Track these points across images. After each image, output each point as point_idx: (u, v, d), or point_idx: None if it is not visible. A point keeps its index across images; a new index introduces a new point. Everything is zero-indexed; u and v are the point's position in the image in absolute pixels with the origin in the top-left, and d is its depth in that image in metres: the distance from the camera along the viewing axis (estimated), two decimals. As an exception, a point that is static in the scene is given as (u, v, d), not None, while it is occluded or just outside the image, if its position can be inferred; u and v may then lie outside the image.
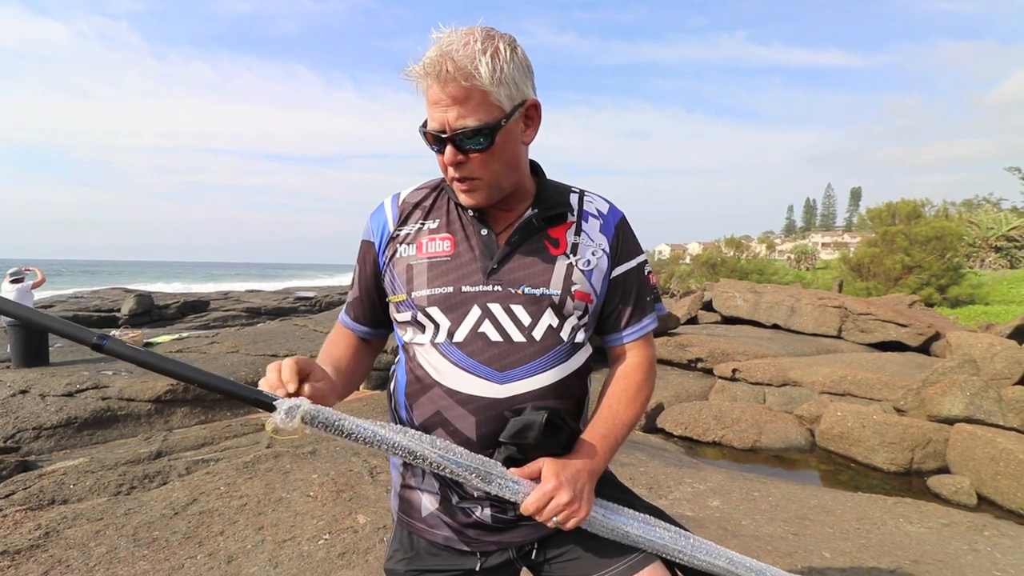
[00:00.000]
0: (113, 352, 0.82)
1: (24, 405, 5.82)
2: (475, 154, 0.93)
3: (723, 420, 5.86)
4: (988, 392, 4.92)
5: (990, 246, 26.48)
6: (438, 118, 0.91)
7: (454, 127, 0.90)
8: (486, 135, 0.92)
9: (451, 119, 0.90)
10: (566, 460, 0.97)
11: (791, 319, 11.06)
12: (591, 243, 1.05)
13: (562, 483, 0.92)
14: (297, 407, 0.83)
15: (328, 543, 2.66)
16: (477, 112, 0.90)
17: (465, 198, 1.00)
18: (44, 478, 3.70)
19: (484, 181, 0.97)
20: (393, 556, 1.12)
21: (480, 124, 0.90)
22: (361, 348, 1.18)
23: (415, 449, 0.89)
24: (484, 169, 0.95)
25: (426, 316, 1.00)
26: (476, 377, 0.97)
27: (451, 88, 0.89)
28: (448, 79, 0.88)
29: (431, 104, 0.92)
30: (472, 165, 0.94)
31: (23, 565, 2.40)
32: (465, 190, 0.98)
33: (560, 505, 0.92)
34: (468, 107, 0.90)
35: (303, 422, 0.83)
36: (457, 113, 0.90)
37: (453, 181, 0.98)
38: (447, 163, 0.95)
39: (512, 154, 0.98)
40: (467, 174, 0.95)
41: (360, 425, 0.87)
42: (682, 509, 3.32)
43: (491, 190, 0.99)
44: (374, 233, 1.10)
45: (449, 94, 0.89)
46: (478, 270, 1.00)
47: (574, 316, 1.02)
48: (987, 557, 2.73)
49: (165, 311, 17.88)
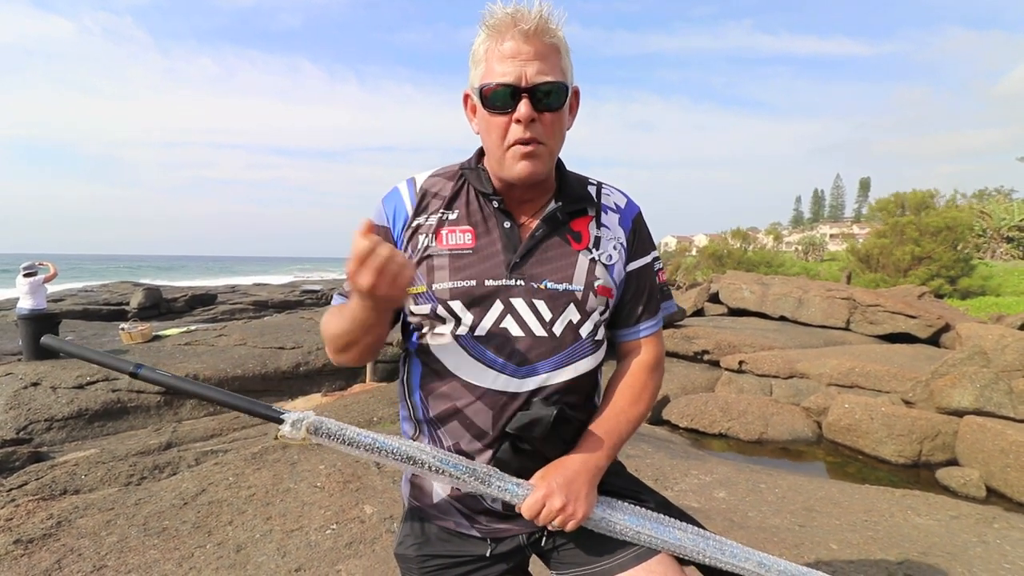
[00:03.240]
0: (147, 379, 0.95)
1: (36, 397, 5.90)
2: (548, 114, 0.93)
3: (729, 412, 5.85)
4: (998, 384, 4.87)
5: (1001, 237, 26.18)
6: (514, 72, 0.90)
7: (533, 80, 0.90)
8: (562, 93, 0.92)
9: (530, 73, 0.90)
10: (560, 462, 0.97)
11: (798, 311, 10.98)
12: (612, 237, 1.04)
13: (553, 489, 0.93)
14: (302, 420, 0.89)
15: (335, 532, 2.68)
16: (555, 71, 0.92)
17: (526, 165, 0.94)
18: (56, 469, 3.75)
19: (547, 148, 0.95)
20: (404, 541, 1.12)
21: (559, 80, 0.91)
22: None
23: (415, 457, 0.92)
24: (551, 132, 0.94)
25: (447, 309, 0.98)
26: (495, 371, 0.96)
27: (535, 42, 0.89)
28: (535, 33, 0.89)
29: (506, 57, 0.90)
30: (541, 127, 0.93)
31: (36, 553, 2.44)
32: (529, 154, 0.94)
33: (553, 511, 0.92)
34: (548, 64, 0.91)
35: (308, 433, 0.89)
36: (538, 67, 0.90)
37: (514, 146, 0.93)
38: (522, 117, 0.91)
39: (565, 129, 0.99)
40: (536, 135, 0.93)
41: (361, 435, 0.91)
42: (688, 500, 3.32)
43: (549, 160, 0.98)
44: (389, 218, 1.05)
45: (533, 47, 0.89)
46: (501, 264, 0.98)
47: (596, 312, 1.01)
48: (996, 549, 2.71)
49: (173, 304, 18.01)
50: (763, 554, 1.04)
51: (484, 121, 0.96)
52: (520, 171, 0.94)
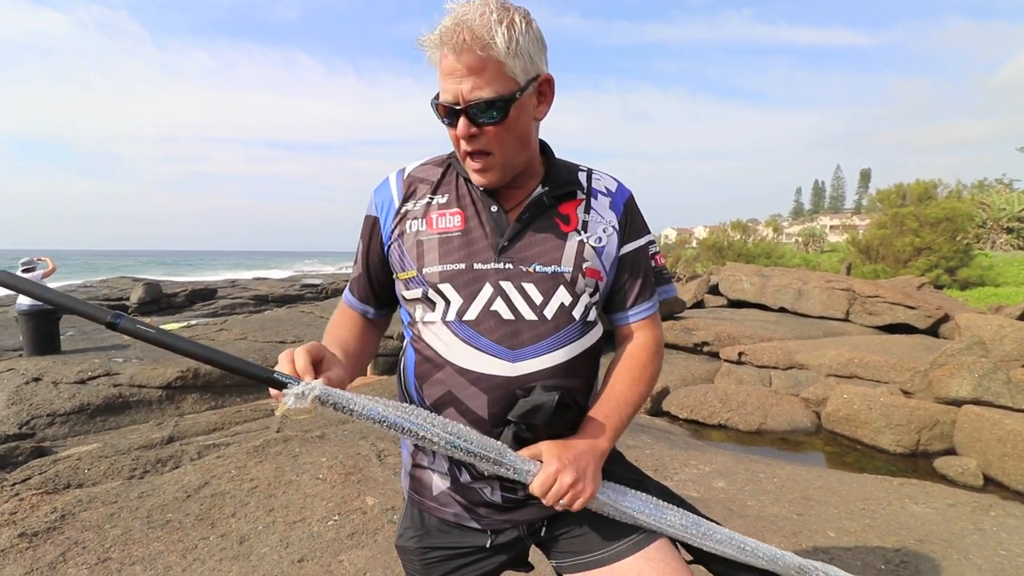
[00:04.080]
0: (126, 331, 0.83)
1: (38, 392, 5.91)
2: (489, 127, 0.92)
3: (729, 403, 5.87)
4: (997, 374, 4.89)
5: (1001, 227, 26.15)
6: (451, 89, 0.90)
7: (468, 99, 0.89)
8: (500, 107, 0.90)
9: (465, 90, 0.89)
10: (568, 441, 0.96)
11: (798, 302, 11.00)
12: (601, 220, 1.04)
13: (565, 465, 0.92)
14: (310, 388, 0.84)
15: (338, 524, 2.70)
16: (493, 83, 0.89)
17: (477, 177, 0.98)
18: (59, 463, 3.77)
19: (497, 158, 0.95)
20: (404, 534, 1.13)
21: (495, 96, 0.89)
22: (366, 329, 1.17)
23: (425, 432, 0.89)
24: (497, 143, 0.94)
25: (437, 293, 0.99)
26: (488, 355, 0.96)
27: (466, 58, 0.87)
28: (464, 48, 0.86)
29: (445, 75, 0.90)
30: (485, 139, 0.93)
31: (40, 547, 2.46)
32: (478, 169, 0.96)
33: (564, 486, 0.91)
34: (483, 78, 0.88)
35: (317, 402, 0.84)
36: (472, 84, 0.88)
37: (466, 158, 0.97)
38: (460, 136, 0.93)
39: (525, 129, 0.96)
40: (480, 148, 0.94)
41: (370, 407, 0.87)
42: (687, 490, 3.34)
43: (504, 169, 0.97)
44: (379, 208, 1.08)
45: (465, 64, 0.88)
46: (488, 247, 0.99)
47: (586, 294, 1.01)
48: (992, 537, 2.73)
49: (173, 299, 18.02)
50: (761, 543, 1.05)
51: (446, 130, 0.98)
52: (476, 181, 0.99)
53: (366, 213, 1.10)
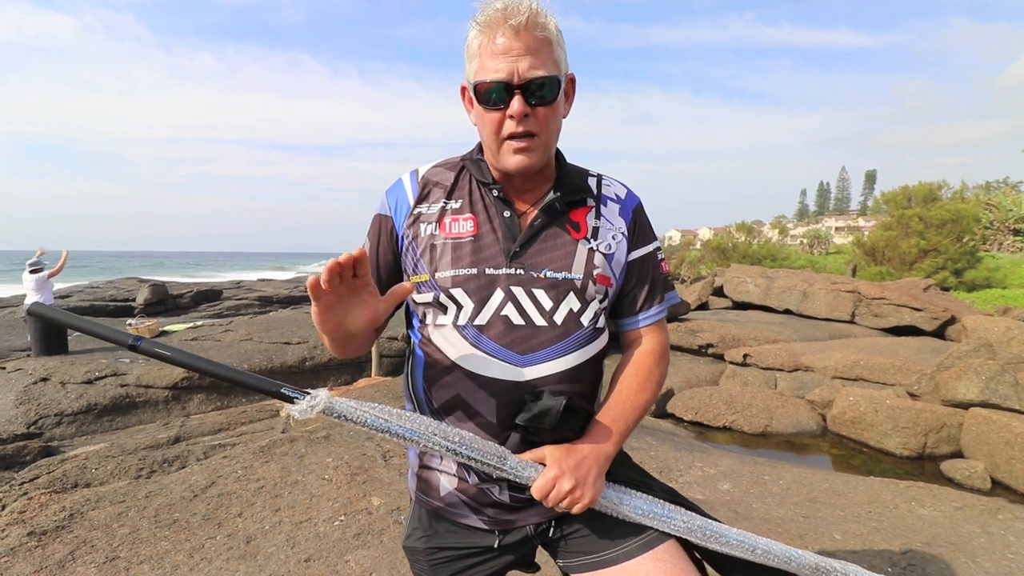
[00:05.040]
0: (147, 352, 0.90)
1: (45, 392, 5.95)
2: (541, 108, 0.93)
3: (734, 405, 5.85)
4: (1004, 376, 4.86)
5: (1008, 229, 25.96)
6: (506, 68, 0.90)
7: (525, 76, 0.90)
8: (554, 87, 0.93)
9: (522, 68, 0.90)
10: (572, 446, 0.97)
11: (803, 304, 10.96)
12: (611, 227, 1.05)
13: (564, 471, 0.93)
14: (315, 401, 0.86)
15: (343, 524, 2.71)
16: (547, 64, 0.92)
17: (520, 158, 0.96)
18: (67, 463, 3.80)
19: (542, 140, 0.96)
20: (412, 534, 1.13)
21: (550, 74, 0.92)
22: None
23: (429, 441, 0.91)
24: (544, 125, 0.95)
25: (449, 298, 0.99)
26: (497, 360, 0.97)
27: (526, 37, 0.89)
28: (524, 28, 0.89)
29: (498, 54, 0.91)
30: (534, 120, 0.94)
31: (49, 545, 2.48)
32: (523, 148, 0.95)
33: (562, 492, 0.93)
34: (539, 58, 0.91)
35: (322, 414, 0.87)
36: (530, 63, 0.90)
37: (509, 140, 0.96)
38: (515, 114, 0.92)
39: (560, 121, 0.99)
40: (530, 129, 0.94)
41: (374, 418, 0.90)
42: (693, 492, 3.34)
43: (545, 152, 0.98)
44: (392, 208, 1.07)
45: (524, 42, 0.90)
46: (500, 252, 1.00)
47: (595, 301, 1.02)
48: (1000, 540, 2.72)
49: (179, 300, 18.11)
50: (774, 543, 1.04)
51: (479, 115, 0.98)
52: (515, 164, 0.97)
53: (376, 212, 1.09)
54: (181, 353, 0.91)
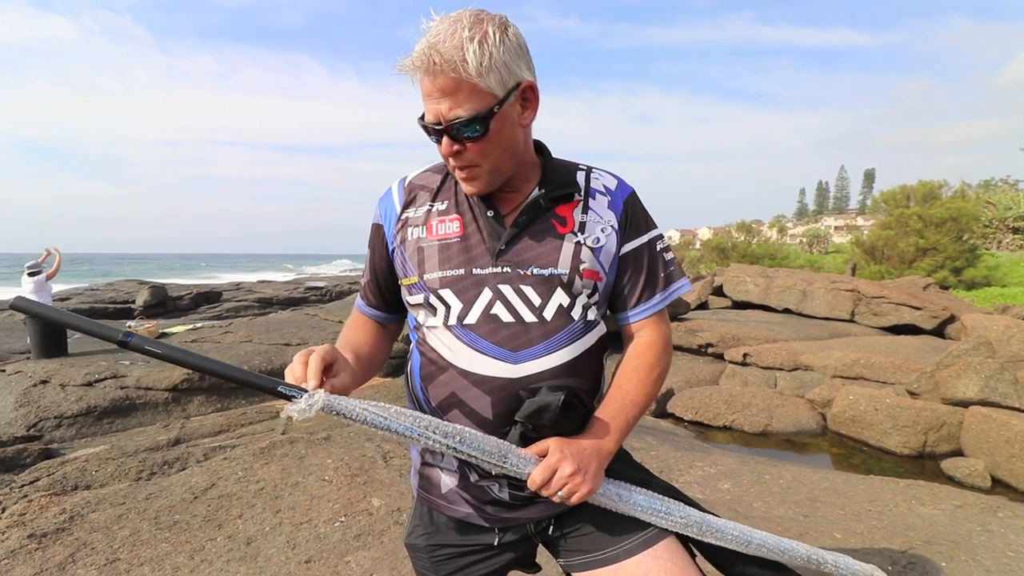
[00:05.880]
0: (139, 348, 0.87)
1: (45, 395, 5.95)
2: (471, 143, 0.93)
3: (734, 405, 5.86)
4: (1004, 374, 4.86)
5: (1007, 227, 25.99)
6: (432, 110, 0.92)
7: (447, 118, 0.91)
8: (480, 124, 0.91)
9: (444, 111, 0.91)
10: (573, 439, 0.98)
11: (803, 303, 10.96)
12: (599, 220, 1.05)
13: (566, 455, 0.94)
14: (315, 399, 0.86)
15: (344, 525, 2.71)
16: (469, 101, 0.90)
17: (466, 187, 1.01)
18: (67, 465, 3.80)
19: (484, 168, 0.97)
20: (413, 532, 1.14)
21: (473, 114, 0.90)
22: (379, 333, 1.20)
23: (429, 439, 0.91)
24: (482, 156, 0.95)
25: (438, 298, 1.01)
26: (490, 358, 0.97)
27: (440, 80, 0.89)
28: (436, 72, 0.88)
29: (424, 97, 0.93)
30: (470, 154, 0.95)
31: (50, 547, 2.48)
32: (465, 179, 0.99)
33: (564, 477, 0.92)
34: (459, 98, 0.90)
35: (322, 412, 0.87)
36: (449, 104, 0.90)
37: (455, 170, 1.00)
38: (444, 154, 0.96)
39: (510, 139, 0.97)
40: (466, 163, 0.96)
41: (374, 415, 0.90)
42: (693, 492, 3.34)
43: (491, 176, 0.99)
44: (383, 217, 1.11)
45: (439, 86, 0.89)
46: (486, 252, 1.00)
47: (584, 295, 1.02)
48: (1000, 538, 2.72)
49: (179, 302, 18.10)
50: (768, 535, 1.06)
51: None
52: (466, 190, 1.01)
53: (372, 221, 1.14)
54: (174, 350, 0.89)
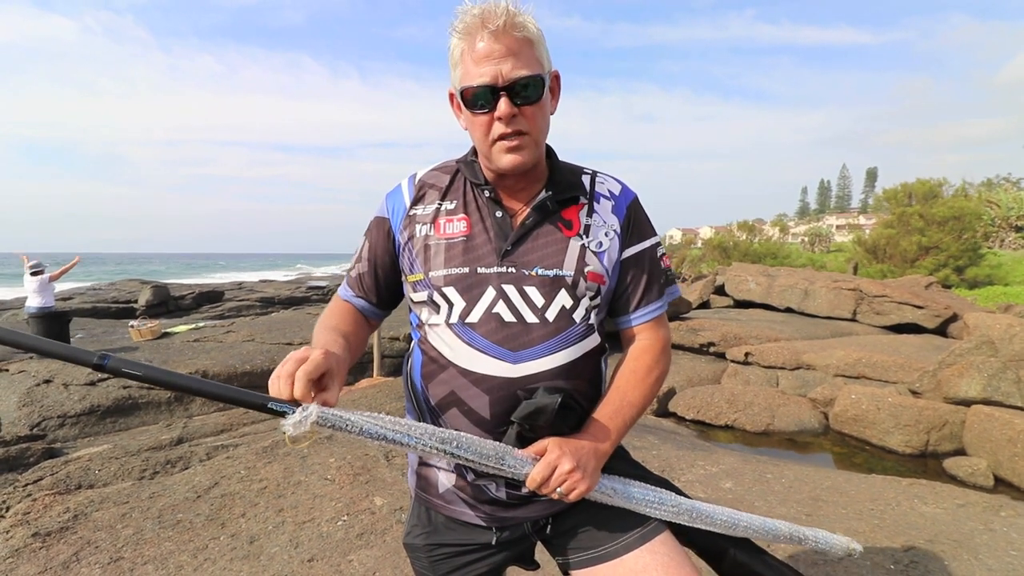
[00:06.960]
0: (115, 371, 0.81)
1: (48, 394, 5.97)
2: (527, 107, 0.95)
3: (736, 404, 5.86)
4: (1006, 373, 4.86)
5: (1010, 226, 25.92)
6: (490, 71, 0.92)
7: (509, 78, 0.92)
8: (539, 85, 0.94)
9: (505, 70, 0.92)
10: (571, 438, 0.98)
11: (805, 302, 10.95)
12: (603, 224, 1.06)
13: (565, 453, 0.94)
14: (307, 414, 0.81)
15: (346, 524, 2.72)
16: (530, 64, 0.93)
17: (512, 157, 0.97)
18: (70, 464, 3.81)
19: (532, 137, 0.98)
20: (412, 531, 1.15)
21: (534, 73, 0.93)
22: (363, 326, 1.16)
23: (424, 446, 0.90)
24: (533, 123, 0.97)
25: (442, 296, 1.01)
26: (490, 357, 0.98)
27: (506, 39, 0.91)
28: (504, 31, 0.91)
29: (481, 59, 0.92)
30: (523, 119, 0.95)
31: (54, 546, 2.49)
32: (514, 147, 0.97)
33: (563, 473, 0.93)
34: (521, 59, 0.92)
35: (315, 427, 0.82)
36: (512, 64, 0.92)
37: (499, 141, 0.97)
38: (503, 115, 0.94)
39: (548, 119, 1.01)
40: (518, 128, 0.96)
41: (369, 426, 0.88)
42: (695, 491, 3.34)
43: (536, 149, 1.00)
44: (390, 211, 1.11)
45: (505, 45, 0.91)
46: (492, 251, 1.01)
47: (587, 297, 1.02)
48: (1003, 537, 2.72)
49: (181, 302, 18.15)
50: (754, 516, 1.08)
51: (469, 120, 1.00)
52: (508, 163, 0.98)
53: (376, 215, 1.13)
54: (154, 370, 0.82)
